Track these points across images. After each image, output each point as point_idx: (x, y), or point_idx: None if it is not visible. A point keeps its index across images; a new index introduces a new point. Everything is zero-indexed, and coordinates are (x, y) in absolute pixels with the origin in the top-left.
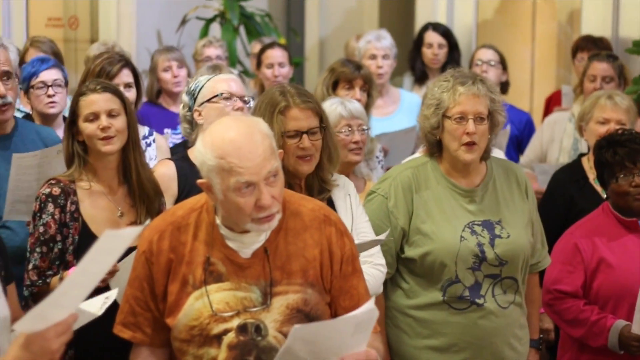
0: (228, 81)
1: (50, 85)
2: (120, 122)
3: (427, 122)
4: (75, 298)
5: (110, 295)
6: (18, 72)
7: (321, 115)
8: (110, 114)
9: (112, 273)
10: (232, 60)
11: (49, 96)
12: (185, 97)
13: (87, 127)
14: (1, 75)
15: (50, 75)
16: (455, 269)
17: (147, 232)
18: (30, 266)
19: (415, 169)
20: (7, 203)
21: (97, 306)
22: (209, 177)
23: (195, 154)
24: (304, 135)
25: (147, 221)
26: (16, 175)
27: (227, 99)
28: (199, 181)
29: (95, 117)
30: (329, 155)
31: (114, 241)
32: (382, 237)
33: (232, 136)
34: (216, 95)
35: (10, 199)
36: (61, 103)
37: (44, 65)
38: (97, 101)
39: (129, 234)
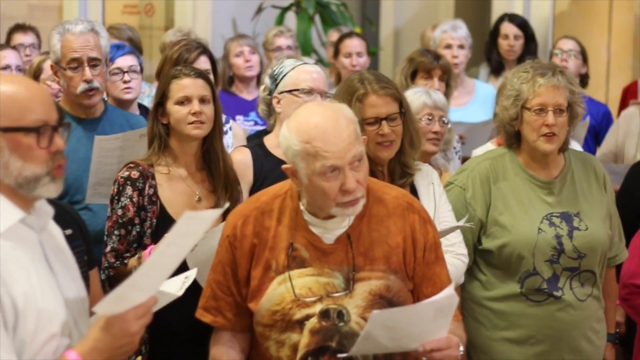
0: (311, 74)
1: (126, 72)
2: (210, 110)
3: (506, 113)
4: (155, 280)
5: (190, 275)
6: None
7: (401, 101)
8: (202, 100)
9: None
10: (307, 49)
11: (125, 82)
12: (267, 80)
13: (178, 111)
14: (89, 60)
15: (125, 61)
16: (533, 260)
17: (231, 217)
18: (108, 249)
19: (493, 160)
20: (89, 186)
21: (177, 286)
22: (294, 162)
23: (280, 139)
24: (383, 122)
25: (227, 204)
26: (98, 157)
27: (308, 93)
28: (283, 166)
29: (187, 100)
30: (411, 140)
31: (194, 223)
32: (462, 222)
33: (317, 121)
34: (297, 89)
35: (92, 181)
36: (136, 89)
37: (119, 52)
38: (191, 86)
39: (208, 216)
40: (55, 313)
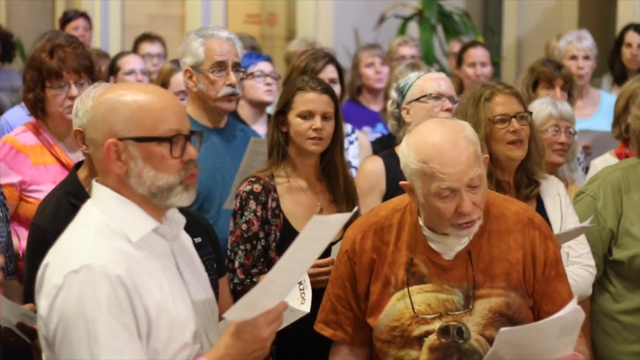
0: (438, 80)
1: (268, 75)
2: (330, 126)
3: (638, 122)
4: (285, 286)
5: (305, 282)
6: None
7: (524, 104)
8: (324, 117)
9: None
10: (429, 58)
11: (267, 84)
12: (393, 94)
13: (300, 124)
14: (233, 66)
15: (267, 67)
16: None
17: (350, 232)
18: (237, 264)
19: (625, 170)
20: (233, 189)
21: (297, 297)
22: (411, 179)
23: (400, 154)
24: (513, 119)
25: (356, 208)
26: (249, 160)
27: (436, 98)
28: (401, 183)
29: (310, 115)
30: (536, 144)
31: (322, 228)
32: (586, 223)
33: (436, 141)
34: (425, 95)
35: (236, 184)
36: (274, 94)
37: (261, 58)
38: (316, 101)
39: (337, 221)
40: (187, 322)
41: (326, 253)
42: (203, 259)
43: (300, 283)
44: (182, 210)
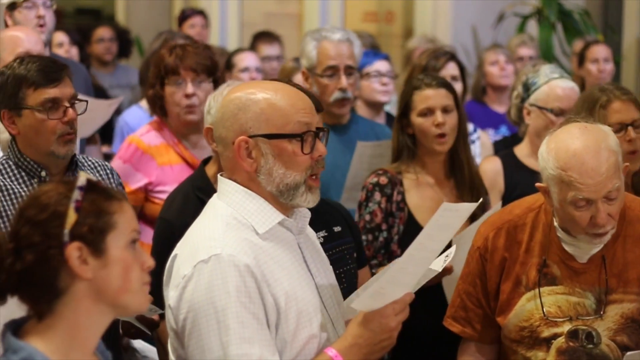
0: (565, 90)
1: (384, 75)
2: (453, 119)
3: None
4: (412, 275)
5: (450, 253)
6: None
7: None
8: (445, 110)
9: (449, 271)
10: (549, 57)
11: (383, 84)
12: (520, 88)
13: (422, 123)
14: (345, 69)
15: (384, 65)
16: None
17: (482, 228)
18: None
19: None
20: (345, 189)
21: (439, 264)
22: (548, 183)
23: (539, 155)
24: (629, 128)
25: (482, 199)
26: (357, 162)
27: (557, 115)
28: (537, 184)
29: (430, 112)
30: None
31: (451, 216)
32: None
33: (577, 148)
34: (547, 109)
35: (347, 185)
36: (390, 94)
37: (378, 56)
38: (433, 96)
39: (465, 209)
40: (315, 313)
41: None
42: (343, 247)
43: (447, 256)
44: (322, 200)
